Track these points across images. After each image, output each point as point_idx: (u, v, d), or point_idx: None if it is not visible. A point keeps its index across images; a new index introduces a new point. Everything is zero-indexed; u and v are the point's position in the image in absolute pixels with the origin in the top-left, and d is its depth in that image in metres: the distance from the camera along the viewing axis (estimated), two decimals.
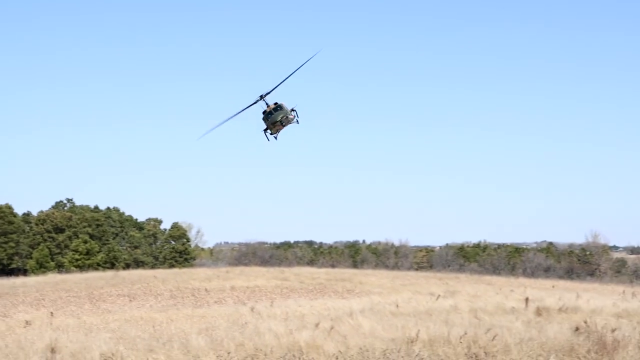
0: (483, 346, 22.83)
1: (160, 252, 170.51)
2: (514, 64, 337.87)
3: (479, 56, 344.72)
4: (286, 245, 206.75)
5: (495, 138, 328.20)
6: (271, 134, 61.51)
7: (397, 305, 39.48)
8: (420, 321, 29.92)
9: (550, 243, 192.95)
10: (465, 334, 24.50)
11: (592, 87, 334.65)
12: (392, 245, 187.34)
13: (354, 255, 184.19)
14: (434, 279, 76.64)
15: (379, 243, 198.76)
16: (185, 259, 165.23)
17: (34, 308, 45.66)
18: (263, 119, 54.35)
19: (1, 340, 27.62)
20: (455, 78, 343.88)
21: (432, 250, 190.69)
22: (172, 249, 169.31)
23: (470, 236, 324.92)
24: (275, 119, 50.54)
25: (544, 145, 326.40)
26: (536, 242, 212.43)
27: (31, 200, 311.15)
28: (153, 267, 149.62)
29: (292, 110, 68.18)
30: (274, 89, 59.27)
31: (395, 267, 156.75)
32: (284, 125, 57.66)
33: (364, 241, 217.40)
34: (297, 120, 70.26)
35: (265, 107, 57.41)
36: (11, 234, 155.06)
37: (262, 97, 58.50)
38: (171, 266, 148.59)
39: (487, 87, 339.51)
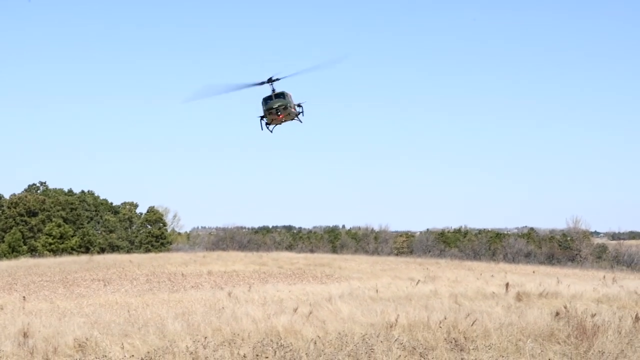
0: (463, 331, 22.60)
1: (136, 237, 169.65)
2: (496, 49, 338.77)
3: (461, 40, 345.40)
4: (264, 230, 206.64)
5: (478, 123, 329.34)
6: (267, 123, 60.32)
7: (377, 291, 39.24)
8: (400, 306, 29.68)
9: (531, 229, 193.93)
10: (445, 318, 24.27)
11: (574, 74, 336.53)
12: (372, 230, 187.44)
13: (334, 240, 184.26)
14: (414, 264, 76.60)
15: (359, 228, 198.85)
16: (162, 244, 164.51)
17: (6, 292, 45.08)
18: (262, 103, 51.12)
19: None
20: (436, 63, 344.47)
21: (413, 236, 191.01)
22: (148, 233, 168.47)
23: (451, 221, 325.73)
24: (271, 105, 49.64)
25: (526, 130, 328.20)
26: (517, 228, 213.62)
27: (3, 183, 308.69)
28: (129, 251, 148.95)
29: (299, 105, 67.18)
30: (286, 77, 57.67)
31: (375, 252, 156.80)
32: (281, 117, 55.05)
33: (343, 226, 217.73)
34: (300, 119, 68.79)
35: (270, 93, 56.47)
36: None
37: (270, 80, 57.47)
38: (147, 251, 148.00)
39: (469, 71, 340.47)
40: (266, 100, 51.66)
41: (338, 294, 36.50)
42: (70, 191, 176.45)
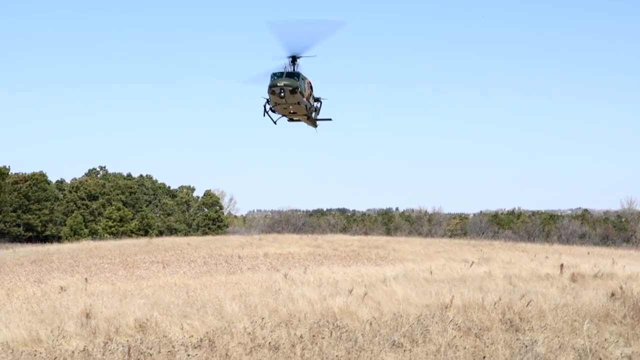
0: (518, 312, 22.67)
1: (194, 220, 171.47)
2: (554, 27, 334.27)
3: (511, 22, 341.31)
4: (319, 213, 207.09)
5: (530, 104, 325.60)
6: (272, 109, 55.46)
7: (431, 272, 39.33)
8: (454, 287, 29.77)
9: (586, 210, 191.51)
10: (500, 300, 24.34)
11: (628, 54, 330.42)
12: (426, 212, 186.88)
13: (387, 222, 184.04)
14: (468, 245, 76.35)
15: (412, 210, 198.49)
16: (218, 227, 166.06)
17: (69, 274, 45.99)
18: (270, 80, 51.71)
19: (37, 306, 27.85)
20: (487, 44, 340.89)
21: (466, 218, 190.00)
22: (205, 216, 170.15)
23: (504, 203, 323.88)
24: (276, 82, 45.07)
25: (580, 111, 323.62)
26: (571, 209, 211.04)
27: (64, 167, 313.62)
28: (186, 234, 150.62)
29: (317, 99, 60.81)
30: (306, 56, 52.33)
31: (429, 234, 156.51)
32: (283, 101, 50.36)
33: (397, 209, 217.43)
34: (315, 117, 62.59)
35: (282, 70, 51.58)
36: (45, 201, 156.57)
37: (293, 58, 52.94)
38: (204, 233, 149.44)
39: (521, 53, 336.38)
40: (272, 76, 53.87)
41: (392, 276, 36.67)
42: (129, 175, 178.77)
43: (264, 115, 56.67)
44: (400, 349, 17.45)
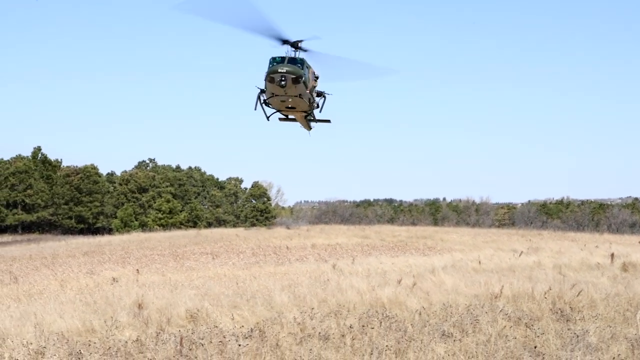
0: (568, 302, 22.50)
1: (242, 211, 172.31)
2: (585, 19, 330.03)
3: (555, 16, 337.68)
4: (366, 204, 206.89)
5: (577, 92, 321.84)
6: (266, 101, 50.27)
7: (479, 262, 39.17)
8: (504, 277, 29.63)
9: (636, 199, 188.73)
10: (550, 289, 24.18)
11: None
12: (473, 202, 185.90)
13: (435, 213, 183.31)
14: (516, 235, 75.87)
15: (460, 200, 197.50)
16: (266, 218, 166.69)
17: (120, 266, 46.58)
18: (268, 66, 47.37)
19: (90, 297, 28.28)
20: (528, 36, 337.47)
21: (514, 208, 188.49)
22: (253, 207, 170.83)
23: (552, 193, 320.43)
24: (276, 69, 44.07)
25: (628, 98, 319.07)
26: (621, 198, 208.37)
27: (114, 160, 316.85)
28: (234, 225, 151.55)
29: (320, 95, 54.78)
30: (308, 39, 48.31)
31: (476, 224, 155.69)
32: (283, 92, 46.69)
33: (444, 199, 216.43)
34: (315, 117, 56.60)
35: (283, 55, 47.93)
36: (96, 193, 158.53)
37: (293, 44, 48.09)
38: (252, 225, 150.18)
39: (571, 45, 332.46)
40: (272, 60, 46.66)
41: (441, 266, 36.62)
42: (178, 167, 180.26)
43: (255, 109, 52.45)
44: (450, 338, 17.45)
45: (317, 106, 52.29)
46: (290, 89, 44.63)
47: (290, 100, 45.92)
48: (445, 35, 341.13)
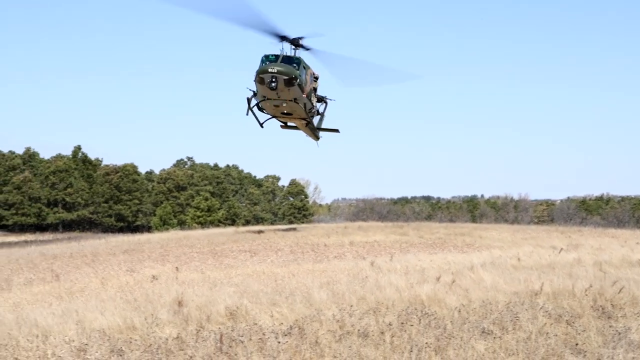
0: (609, 299, 22.29)
1: (279, 209, 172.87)
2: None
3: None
4: (403, 201, 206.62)
5: (617, 88, 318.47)
6: (258, 104, 44.04)
7: (519, 259, 38.91)
8: (543, 274, 29.42)
9: None
10: (591, 286, 23.95)
11: None
12: (512, 199, 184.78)
13: (473, 209, 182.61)
14: (556, 232, 75.15)
15: (498, 197, 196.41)
16: (304, 215, 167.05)
17: (159, 263, 46.86)
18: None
19: (130, 294, 28.51)
20: (577, 39, 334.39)
21: (553, 204, 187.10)
22: (290, 205, 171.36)
23: (592, 189, 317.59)
24: (266, 68, 37.86)
25: None
26: None
27: (153, 159, 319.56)
28: (272, 223, 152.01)
29: (321, 100, 50.50)
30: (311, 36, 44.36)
31: (515, 221, 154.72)
32: (275, 95, 40.03)
33: (482, 196, 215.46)
34: (316, 124, 52.48)
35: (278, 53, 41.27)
36: (135, 192, 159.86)
37: (293, 41, 41.45)
38: (290, 222, 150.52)
39: (609, 39, 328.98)
40: (264, 59, 39.66)
41: (480, 263, 36.41)
42: (216, 165, 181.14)
43: (247, 114, 45.37)
44: (490, 336, 17.38)
45: (318, 113, 47.05)
46: (284, 92, 39.53)
47: (284, 105, 40.92)
48: (477, 31, 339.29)
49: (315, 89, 43.96)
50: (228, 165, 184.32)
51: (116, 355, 16.18)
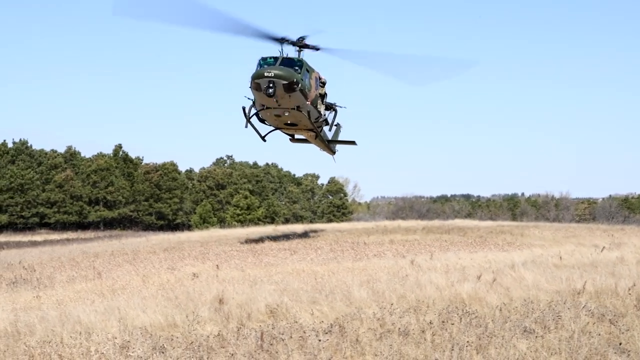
0: None
1: (318, 207, 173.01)
2: None
3: None
4: (443, 199, 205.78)
5: None
6: (257, 114, 39.61)
7: (560, 258, 38.55)
8: (585, 273, 29.12)
9: None
10: (634, 285, 23.70)
11: None
12: (553, 197, 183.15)
13: (513, 208, 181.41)
14: (598, 230, 74.23)
15: (539, 195, 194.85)
16: (343, 214, 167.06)
17: (200, 261, 47.06)
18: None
19: (171, 292, 28.69)
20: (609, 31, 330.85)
21: (595, 202, 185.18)
22: (329, 203, 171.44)
23: (634, 187, 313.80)
24: (262, 72, 34.19)
25: None
26: None
27: (193, 157, 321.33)
28: (311, 221, 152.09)
29: (330, 107, 46.68)
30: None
31: (556, 219, 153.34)
32: (274, 103, 36.35)
33: (522, 194, 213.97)
34: (329, 135, 48.05)
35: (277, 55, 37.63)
36: (175, 190, 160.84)
37: (297, 42, 37.69)
38: (329, 220, 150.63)
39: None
40: (261, 62, 35.78)
41: (521, 261, 36.12)
42: (255, 164, 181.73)
43: (246, 126, 40.92)
44: (532, 335, 17.26)
45: (326, 123, 43.73)
46: (284, 99, 35.33)
47: (287, 114, 36.79)
48: (525, 28, 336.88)
49: (322, 96, 40.72)
50: (267, 164, 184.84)
51: (158, 353, 16.29)
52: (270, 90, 32.01)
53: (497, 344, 16.20)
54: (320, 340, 16.63)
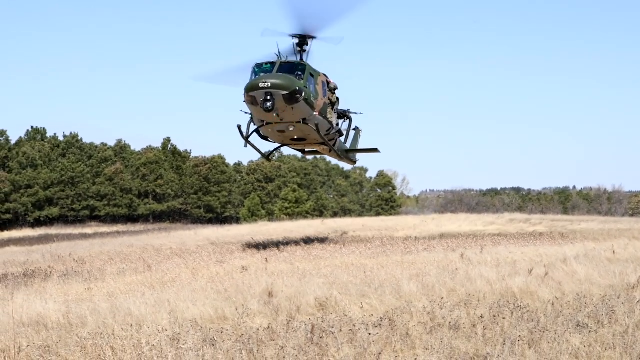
0: None
1: (367, 200, 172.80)
2: None
3: None
4: (493, 192, 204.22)
5: None
6: (258, 130, 34.98)
7: (614, 252, 37.95)
8: None
9: None
10: None
11: None
12: (605, 190, 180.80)
13: (564, 201, 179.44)
14: None
15: (591, 189, 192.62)
16: (391, 207, 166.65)
17: (249, 255, 47.21)
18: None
19: (221, 285, 28.78)
20: None
21: None
22: (378, 197, 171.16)
23: None
24: (256, 83, 29.32)
25: None
26: None
27: (241, 151, 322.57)
28: (360, 215, 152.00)
29: (343, 115, 38.35)
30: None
31: (608, 213, 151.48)
32: (275, 118, 31.51)
33: (574, 187, 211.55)
34: (342, 150, 39.89)
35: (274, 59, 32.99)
36: (224, 183, 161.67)
37: (302, 39, 33.21)
38: (377, 214, 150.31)
39: None
40: (255, 69, 31.61)
41: (573, 255, 35.66)
42: (303, 157, 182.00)
43: (245, 145, 36.09)
44: (585, 329, 17.00)
45: (340, 134, 37.87)
46: (286, 113, 30.55)
47: (292, 129, 32.02)
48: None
49: (332, 103, 35.90)
50: (316, 157, 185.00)
51: (209, 345, 16.34)
52: (269, 104, 28.16)
53: (549, 339, 15.99)
54: (370, 334, 16.56)
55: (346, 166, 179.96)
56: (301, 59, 32.80)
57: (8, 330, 19.07)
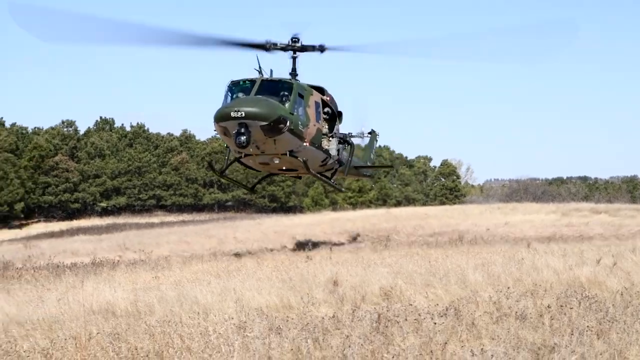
0: None
1: (431, 190, 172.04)
2: None
3: None
4: (559, 181, 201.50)
5: None
6: (239, 159, 29.66)
7: None
8: None
9: None
10: None
11: None
12: None
13: (632, 190, 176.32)
14: None
15: None
16: (456, 196, 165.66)
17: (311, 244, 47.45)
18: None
19: (285, 274, 28.96)
20: None
21: None
22: (442, 186, 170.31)
23: None
24: (222, 113, 24.62)
25: None
26: None
27: None
28: (424, 204, 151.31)
29: (344, 141, 34.10)
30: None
31: None
32: (256, 150, 26.30)
33: None
34: (340, 165, 34.84)
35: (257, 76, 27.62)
36: None
37: (295, 47, 28.57)
38: (441, 203, 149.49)
39: None
40: (229, 89, 26.22)
41: None
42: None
43: (222, 174, 32.45)
44: None
45: (340, 163, 33.04)
46: (267, 145, 25.99)
47: (277, 161, 27.55)
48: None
49: (331, 128, 31.46)
50: (380, 146, 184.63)
51: (274, 333, 16.46)
52: (243, 138, 23.49)
53: (618, 329, 15.77)
54: (435, 324, 16.51)
55: (410, 155, 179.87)
56: (294, 69, 28.58)
57: (79, 318, 19.44)
